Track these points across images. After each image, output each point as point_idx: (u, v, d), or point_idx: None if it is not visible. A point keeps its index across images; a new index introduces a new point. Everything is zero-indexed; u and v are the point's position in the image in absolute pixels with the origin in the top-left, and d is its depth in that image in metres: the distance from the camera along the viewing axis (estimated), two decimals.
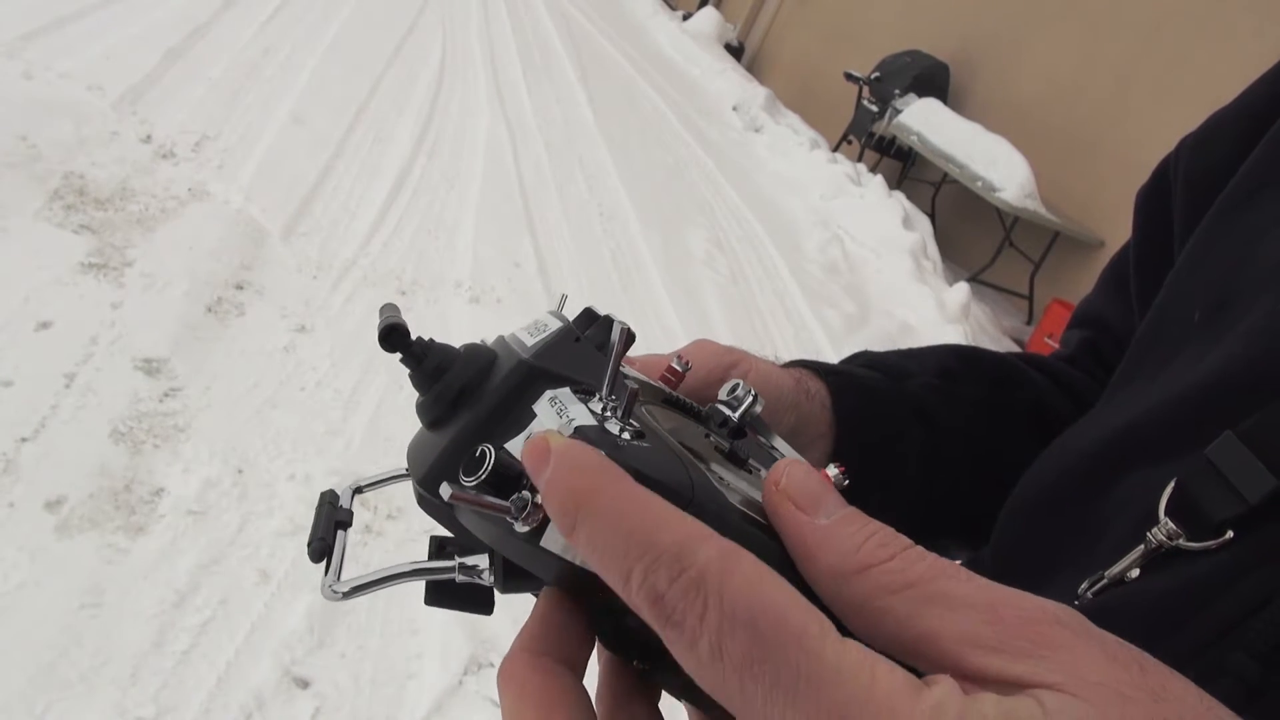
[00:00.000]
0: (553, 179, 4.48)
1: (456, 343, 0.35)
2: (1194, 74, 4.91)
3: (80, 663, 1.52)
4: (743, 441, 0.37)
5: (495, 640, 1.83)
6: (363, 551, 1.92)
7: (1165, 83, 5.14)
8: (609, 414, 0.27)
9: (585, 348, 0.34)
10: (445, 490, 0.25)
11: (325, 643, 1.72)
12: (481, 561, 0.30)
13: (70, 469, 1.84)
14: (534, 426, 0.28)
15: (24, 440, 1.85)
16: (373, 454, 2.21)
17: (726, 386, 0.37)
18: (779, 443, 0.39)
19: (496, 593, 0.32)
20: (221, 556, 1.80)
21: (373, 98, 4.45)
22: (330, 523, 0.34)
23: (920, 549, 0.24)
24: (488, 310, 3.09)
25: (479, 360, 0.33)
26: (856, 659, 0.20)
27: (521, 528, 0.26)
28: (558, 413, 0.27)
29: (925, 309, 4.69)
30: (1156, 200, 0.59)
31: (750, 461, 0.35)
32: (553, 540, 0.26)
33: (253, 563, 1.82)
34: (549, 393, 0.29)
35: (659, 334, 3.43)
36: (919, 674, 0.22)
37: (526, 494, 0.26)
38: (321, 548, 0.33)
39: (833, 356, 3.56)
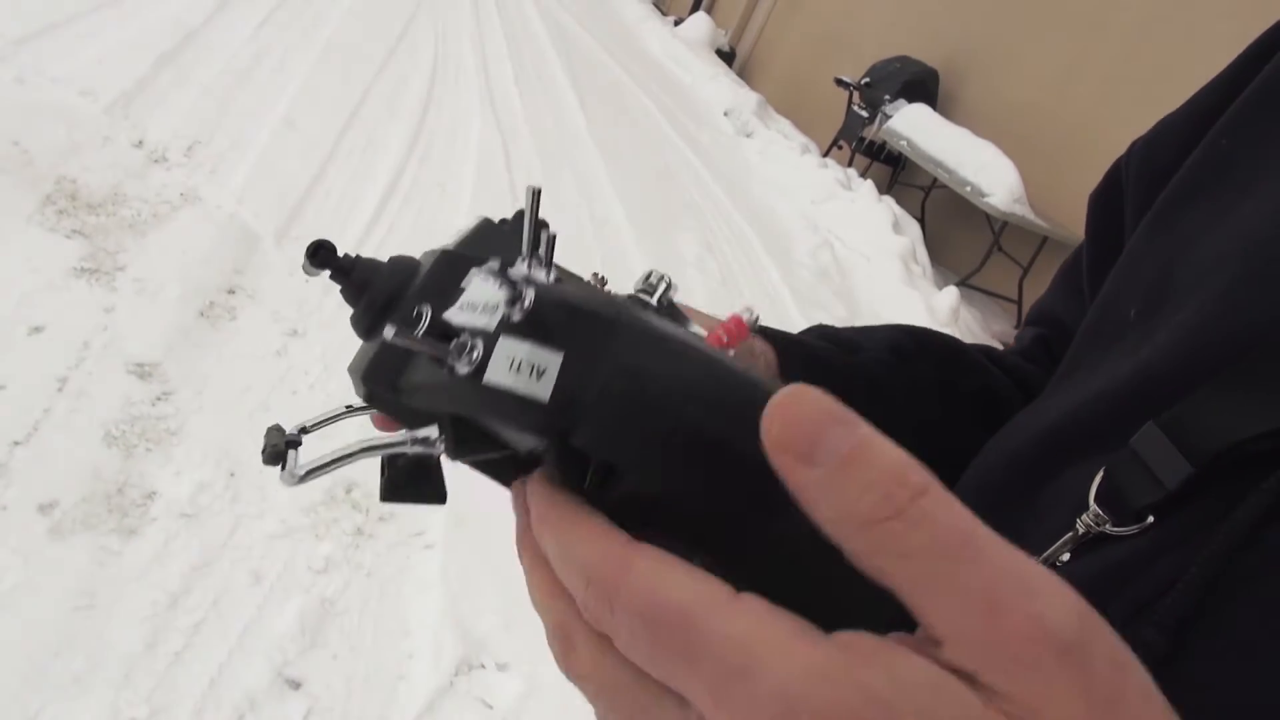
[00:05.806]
0: (545, 182, 4.49)
1: None
2: (1180, 80, 4.93)
3: (73, 664, 1.53)
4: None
5: (486, 641, 1.85)
6: (354, 554, 1.93)
7: (1151, 88, 5.17)
8: (535, 267, 0.29)
9: (507, 233, 0.34)
10: (389, 331, 0.26)
11: (317, 643, 1.74)
12: (432, 432, 0.31)
13: (63, 472, 1.85)
14: (469, 295, 0.29)
15: (17, 444, 1.86)
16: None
17: (641, 276, 0.36)
18: (696, 330, 0.40)
19: (449, 501, 0.33)
20: (214, 558, 1.81)
21: (365, 103, 4.46)
22: (281, 439, 0.34)
23: (936, 496, 0.21)
24: None
25: (405, 268, 0.34)
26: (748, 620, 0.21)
27: (464, 368, 0.26)
28: (484, 279, 0.29)
29: (915, 313, 4.71)
30: (1108, 201, 0.60)
31: None
32: (498, 372, 0.26)
33: (245, 564, 1.83)
34: (474, 269, 0.30)
35: None
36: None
37: (467, 337, 0.27)
38: (275, 452, 0.33)
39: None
